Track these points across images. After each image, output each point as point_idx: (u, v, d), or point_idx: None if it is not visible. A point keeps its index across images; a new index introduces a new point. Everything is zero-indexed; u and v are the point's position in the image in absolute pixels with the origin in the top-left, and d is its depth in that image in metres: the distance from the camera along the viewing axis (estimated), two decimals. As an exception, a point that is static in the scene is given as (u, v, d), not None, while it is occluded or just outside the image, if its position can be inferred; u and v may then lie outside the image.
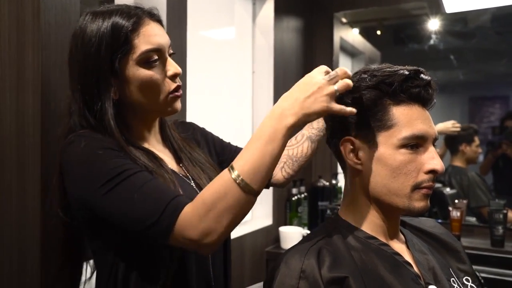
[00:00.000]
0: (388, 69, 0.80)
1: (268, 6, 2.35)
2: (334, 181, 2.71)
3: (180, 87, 0.95)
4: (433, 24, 2.61)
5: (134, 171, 0.83)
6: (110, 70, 0.88)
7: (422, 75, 0.79)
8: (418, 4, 2.57)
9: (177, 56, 1.20)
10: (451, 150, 2.53)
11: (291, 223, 2.44)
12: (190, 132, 1.13)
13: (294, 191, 2.48)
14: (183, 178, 0.98)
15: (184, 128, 1.14)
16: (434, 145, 0.80)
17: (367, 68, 0.83)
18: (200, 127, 1.19)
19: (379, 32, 2.95)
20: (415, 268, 0.82)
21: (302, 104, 0.76)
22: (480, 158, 2.55)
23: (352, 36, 2.96)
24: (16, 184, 1.11)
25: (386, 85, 0.79)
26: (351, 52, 3.06)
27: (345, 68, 0.80)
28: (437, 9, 2.53)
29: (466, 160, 2.51)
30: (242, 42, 2.34)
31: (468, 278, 0.89)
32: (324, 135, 1.04)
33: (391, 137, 0.78)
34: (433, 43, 2.66)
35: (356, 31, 2.99)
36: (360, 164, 0.82)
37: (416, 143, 0.78)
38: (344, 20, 2.83)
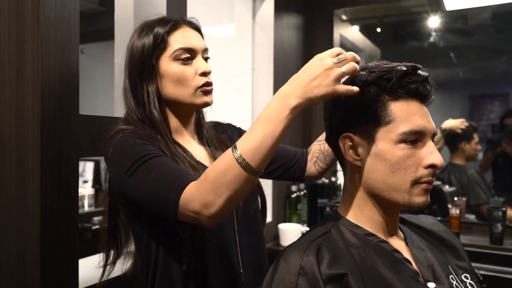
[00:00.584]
0: (385, 65, 0.80)
1: (268, 3, 2.34)
2: (333, 178, 2.71)
3: (209, 84, 1.06)
4: (433, 21, 2.60)
5: (154, 154, 0.92)
6: (151, 66, 1.02)
7: (420, 71, 0.80)
8: (418, 2, 2.57)
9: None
10: (450, 148, 2.52)
11: (290, 220, 2.45)
12: (227, 134, 1.22)
13: (294, 188, 2.48)
14: None
15: (222, 129, 1.23)
16: (433, 140, 0.81)
17: (365, 65, 0.84)
18: (236, 127, 1.28)
19: (379, 30, 2.95)
20: (414, 265, 0.82)
21: (306, 87, 0.77)
22: (480, 156, 2.55)
23: (352, 33, 2.95)
24: (16, 180, 1.11)
25: (384, 81, 0.79)
26: (351, 49, 3.04)
27: (355, 53, 0.80)
28: (437, 6, 2.53)
29: (466, 158, 2.51)
30: (242, 39, 2.33)
31: (467, 275, 0.89)
32: None
33: (389, 132, 0.78)
34: (433, 40, 2.65)
35: (356, 28, 2.98)
36: (359, 160, 0.82)
37: (415, 138, 0.78)
38: (344, 18, 2.83)
